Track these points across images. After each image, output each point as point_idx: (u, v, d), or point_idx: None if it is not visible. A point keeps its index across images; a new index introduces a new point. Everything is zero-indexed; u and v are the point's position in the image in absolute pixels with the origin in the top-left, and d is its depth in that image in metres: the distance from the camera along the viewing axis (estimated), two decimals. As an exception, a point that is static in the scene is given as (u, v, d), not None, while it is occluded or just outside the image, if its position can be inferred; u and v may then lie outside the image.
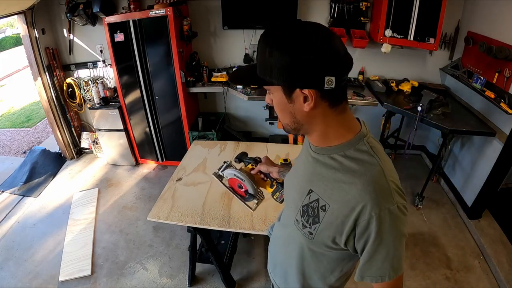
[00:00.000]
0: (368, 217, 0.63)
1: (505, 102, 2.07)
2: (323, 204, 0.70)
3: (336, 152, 0.70)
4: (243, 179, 1.10)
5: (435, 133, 3.09)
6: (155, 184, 3.10)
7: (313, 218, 0.73)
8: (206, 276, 2.09)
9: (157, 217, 1.57)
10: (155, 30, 2.66)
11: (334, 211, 0.68)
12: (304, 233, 0.76)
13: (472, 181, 2.49)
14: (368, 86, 2.94)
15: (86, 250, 2.33)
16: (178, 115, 3.04)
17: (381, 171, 0.65)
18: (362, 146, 0.69)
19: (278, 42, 0.61)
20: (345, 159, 0.68)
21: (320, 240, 0.73)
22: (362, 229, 0.65)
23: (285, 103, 0.67)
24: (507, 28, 2.11)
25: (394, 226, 0.64)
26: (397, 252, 0.66)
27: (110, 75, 3.29)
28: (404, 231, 0.67)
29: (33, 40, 2.93)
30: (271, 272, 1.04)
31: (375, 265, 0.67)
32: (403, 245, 0.68)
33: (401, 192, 0.67)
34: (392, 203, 0.63)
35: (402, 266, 0.69)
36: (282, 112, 0.70)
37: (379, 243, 0.64)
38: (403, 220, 0.66)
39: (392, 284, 0.69)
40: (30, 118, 5.44)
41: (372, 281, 0.69)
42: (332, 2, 2.70)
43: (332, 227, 0.69)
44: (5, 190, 3.10)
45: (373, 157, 0.67)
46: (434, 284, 2.02)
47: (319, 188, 0.72)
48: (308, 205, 0.74)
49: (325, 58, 0.60)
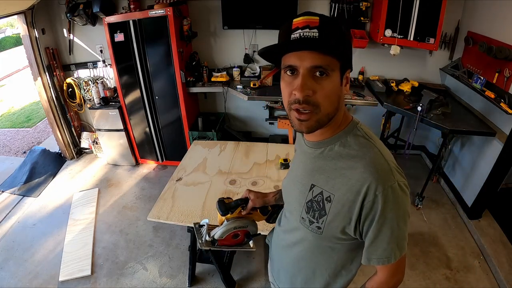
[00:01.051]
0: (373, 197, 0.64)
1: (505, 102, 2.07)
2: (328, 196, 0.70)
3: (333, 142, 0.72)
4: (244, 225, 0.96)
5: (435, 133, 3.09)
6: (155, 184, 3.10)
7: (319, 212, 0.73)
8: (206, 276, 2.09)
9: (157, 217, 1.57)
10: (155, 30, 2.66)
11: (340, 199, 0.68)
12: (312, 229, 0.76)
13: (472, 181, 2.49)
14: (368, 86, 2.94)
15: (86, 250, 2.33)
16: (178, 115, 3.04)
17: (379, 152, 0.67)
18: (356, 132, 0.71)
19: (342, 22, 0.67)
20: (343, 147, 0.70)
21: (329, 232, 0.73)
22: (368, 210, 0.65)
23: (338, 85, 0.66)
24: (507, 28, 2.11)
25: (397, 204, 0.65)
26: (401, 231, 0.67)
27: (110, 75, 3.29)
28: (407, 209, 0.67)
29: (33, 40, 2.93)
30: (275, 279, 1.00)
31: (380, 246, 0.68)
32: (407, 224, 0.68)
33: (400, 170, 0.69)
34: (393, 181, 0.64)
35: (405, 246, 0.70)
36: (333, 97, 0.65)
37: (384, 221, 0.65)
38: (405, 198, 0.67)
39: (397, 265, 0.70)
40: (30, 118, 5.44)
41: (378, 263, 0.70)
42: (332, 2, 2.71)
43: (339, 216, 0.70)
44: (5, 190, 3.10)
45: (369, 140, 0.69)
46: (434, 284, 2.02)
47: (321, 181, 0.72)
48: (312, 200, 0.74)
49: None
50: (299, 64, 0.62)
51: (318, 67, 0.61)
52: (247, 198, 1.00)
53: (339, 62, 0.64)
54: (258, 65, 3.13)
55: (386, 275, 0.73)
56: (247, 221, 0.97)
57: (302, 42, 0.61)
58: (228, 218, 0.97)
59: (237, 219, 0.96)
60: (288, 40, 0.63)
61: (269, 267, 1.06)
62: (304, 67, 0.61)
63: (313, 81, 0.62)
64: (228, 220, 0.96)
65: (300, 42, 0.61)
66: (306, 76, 0.62)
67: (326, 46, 0.61)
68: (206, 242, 0.97)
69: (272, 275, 1.04)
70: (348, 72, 0.69)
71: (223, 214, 0.96)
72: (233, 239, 0.98)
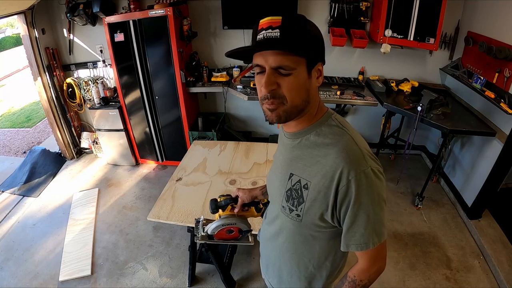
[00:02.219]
0: (346, 182, 0.66)
1: (505, 102, 2.07)
2: (305, 183, 0.73)
3: (310, 132, 0.75)
4: (235, 222, 1.02)
5: (435, 133, 3.09)
6: (155, 184, 3.10)
7: (297, 200, 0.75)
8: (206, 276, 2.09)
9: (157, 217, 1.57)
10: (155, 30, 2.66)
11: (316, 186, 0.71)
12: (292, 217, 0.78)
13: (472, 181, 2.49)
14: (368, 86, 2.95)
15: (86, 250, 2.33)
16: (178, 115, 3.04)
17: (351, 139, 0.70)
18: (331, 122, 0.74)
19: (307, 19, 0.67)
20: (318, 137, 0.73)
21: (308, 220, 0.76)
22: (343, 195, 0.67)
23: (305, 79, 0.69)
24: (507, 28, 2.11)
25: (371, 189, 0.67)
26: (378, 217, 0.69)
27: (110, 75, 3.29)
28: (382, 194, 0.69)
29: (33, 40, 2.93)
30: (265, 275, 1.03)
31: (358, 231, 0.69)
32: (384, 210, 0.70)
33: (374, 157, 0.71)
34: (366, 166, 0.67)
35: (384, 232, 0.71)
36: (299, 90, 0.68)
37: (359, 206, 0.67)
38: (380, 184, 0.68)
39: (376, 252, 0.72)
40: (30, 118, 5.44)
41: (357, 249, 0.72)
42: (332, 2, 2.70)
43: (316, 202, 0.72)
44: (5, 190, 3.10)
45: (342, 129, 0.73)
46: (434, 284, 2.02)
47: (298, 169, 0.75)
48: (292, 188, 0.77)
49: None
50: (264, 64, 0.67)
51: (280, 67, 0.65)
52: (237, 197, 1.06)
53: (304, 58, 0.66)
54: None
55: (367, 262, 0.75)
56: (236, 218, 1.03)
57: (264, 43, 0.66)
58: (220, 215, 1.04)
59: (229, 216, 1.02)
60: (254, 42, 0.68)
61: (260, 262, 1.08)
62: (268, 66, 0.66)
63: (278, 75, 0.67)
64: (220, 217, 1.03)
65: (262, 43, 0.66)
66: (270, 74, 0.66)
67: (287, 46, 0.64)
68: (202, 236, 1.06)
69: (262, 270, 1.06)
70: (319, 65, 0.71)
71: (212, 212, 1.04)
72: (227, 234, 1.05)
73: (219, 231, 1.03)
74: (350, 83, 2.96)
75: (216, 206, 1.04)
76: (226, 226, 1.02)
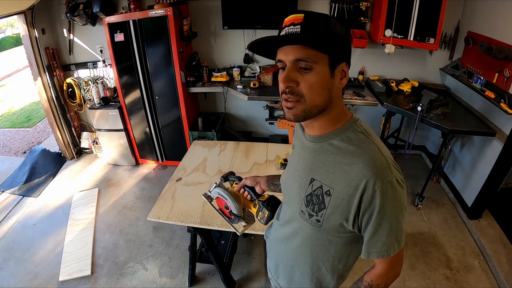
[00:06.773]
0: (372, 192, 0.65)
1: (505, 102, 2.07)
2: (327, 190, 0.72)
3: (333, 137, 0.73)
4: (226, 197, 1.06)
5: (435, 133, 3.09)
6: (155, 184, 3.10)
7: (318, 205, 0.74)
8: (206, 276, 2.09)
9: (157, 217, 1.57)
10: (155, 30, 2.66)
11: (339, 194, 0.70)
12: (311, 222, 0.77)
13: (472, 181, 2.49)
14: (368, 86, 2.95)
15: (86, 250, 2.33)
16: (178, 115, 3.04)
17: (377, 149, 0.69)
18: (356, 128, 0.73)
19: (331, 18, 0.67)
20: (343, 142, 0.72)
21: (328, 226, 0.75)
22: (367, 204, 0.67)
23: (327, 78, 0.68)
24: (507, 28, 2.11)
25: (395, 198, 0.67)
26: (400, 225, 0.69)
27: (110, 75, 3.29)
28: (404, 203, 0.70)
29: (33, 40, 2.93)
30: (273, 274, 1.02)
31: (380, 240, 0.70)
32: (404, 217, 0.71)
33: (396, 165, 0.71)
34: (391, 177, 0.67)
35: (403, 238, 0.72)
36: (320, 89, 0.67)
37: (383, 216, 0.67)
38: (403, 193, 0.69)
39: (395, 258, 0.72)
40: (30, 118, 5.44)
41: (378, 257, 0.72)
42: (332, 2, 2.71)
43: (338, 209, 0.71)
44: (5, 190, 3.10)
45: (368, 137, 0.72)
46: (434, 284, 2.02)
47: (320, 175, 0.74)
48: (312, 193, 0.76)
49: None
50: (284, 58, 0.67)
51: (300, 60, 0.65)
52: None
53: (326, 55, 0.66)
54: (258, 65, 3.13)
55: (385, 268, 0.75)
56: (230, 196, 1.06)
57: (285, 38, 0.67)
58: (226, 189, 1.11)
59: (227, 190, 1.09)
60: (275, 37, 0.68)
61: (268, 262, 1.07)
62: (288, 60, 0.67)
63: (298, 73, 0.67)
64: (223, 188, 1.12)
65: (283, 38, 0.67)
66: (291, 69, 0.67)
67: (306, 41, 0.65)
68: (206, 195, 1.17)
69: (270, 270, 1.05)
70: (343, 65, 0.70)
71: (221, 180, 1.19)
72: (225, 208, 1.11)
73: (217, 198, 1.11)
74: (350, 83, 2.96)
75: (227, 177, 1.18)
76: (222, 198, 1.08)
